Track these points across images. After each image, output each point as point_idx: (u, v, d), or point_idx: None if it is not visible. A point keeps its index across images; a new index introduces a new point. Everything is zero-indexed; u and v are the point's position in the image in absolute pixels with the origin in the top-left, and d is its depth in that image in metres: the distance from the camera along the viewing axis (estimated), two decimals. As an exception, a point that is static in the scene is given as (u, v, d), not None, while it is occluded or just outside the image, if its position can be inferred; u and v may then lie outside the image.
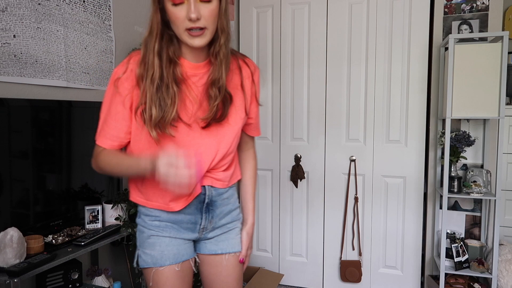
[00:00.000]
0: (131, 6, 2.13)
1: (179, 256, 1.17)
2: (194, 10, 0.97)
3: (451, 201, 2.51)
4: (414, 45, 2.56)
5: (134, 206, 1.85)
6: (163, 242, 1.16)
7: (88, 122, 1.77)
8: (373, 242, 2.71)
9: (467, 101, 2.21)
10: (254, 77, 1.21)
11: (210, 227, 1.21)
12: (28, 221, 1.51)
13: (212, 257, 1.23)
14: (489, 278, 2.27)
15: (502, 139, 2.19)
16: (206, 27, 1.01)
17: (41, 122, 1.55)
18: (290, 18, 2.83)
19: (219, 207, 1.21)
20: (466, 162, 2.48)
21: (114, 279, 1.97)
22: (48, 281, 1.56)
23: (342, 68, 2.72)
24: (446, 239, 2.30)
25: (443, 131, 2.36)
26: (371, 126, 2.68)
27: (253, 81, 1.20)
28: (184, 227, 1.18)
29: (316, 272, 2.84)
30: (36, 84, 1.59)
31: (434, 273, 2.57)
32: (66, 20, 1.72)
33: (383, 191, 2.69)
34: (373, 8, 2.63)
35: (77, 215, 1.73)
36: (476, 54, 2.20)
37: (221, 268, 1.23)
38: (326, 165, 2.79)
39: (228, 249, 1.22)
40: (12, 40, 1.48)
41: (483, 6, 2.42)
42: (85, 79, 1.83)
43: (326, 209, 2.80)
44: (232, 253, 1.23)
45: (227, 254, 1.22)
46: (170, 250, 1.16)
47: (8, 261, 1.30)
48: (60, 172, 1.64)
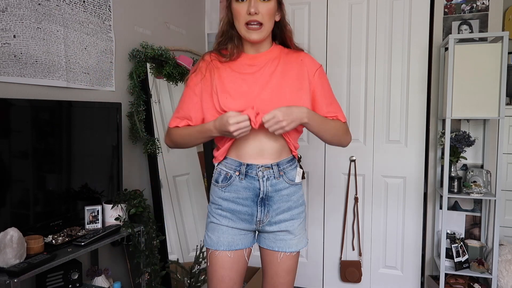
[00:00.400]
0: (131, 6, 2.13)
1: (233, 244, 1.32)
2: (254, 5, 1.20)
3: (451, 201, 2.51)
4: (414, 45, 2.56)
5: (134, 206, 1.85)
6: (220, 230, 1.32)
7: (88, 122, 1.77)
8: (373, 242, 2.71)
9: (467, 101, 2.21)
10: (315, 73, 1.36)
11: (267, 220, 1.32)
12: (28, 221, 1.51)
13: (269, 251, 1.35)
14: (489, 278, 2.27)
15: (502, 139, 2.19)
16: (263, 23, 1.23)
17: (41, 122, 1.55)
18: (290, 18, 2.81)
19: (276, 202, 1.30)
20: (466, 162, 2.48)
21: (114, 279, 1.97)
22: (48, 281, 1.56)
23: (342, 68, 2.72)
24: (446, 239, 2.30)
25: (443, 131, 2.36)
26: (371, 126, 2.68)
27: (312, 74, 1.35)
28: (242, 218, 1.31)
29: (316, 272, 2.84)
30: (36, 84, 1.59)
31: (434, 273, 2.57)
32: (66, 20, 1.72)
33: (383, 191, 2.69)
34: (373, 8, 2.63)
35: (77, 215, 1.73)
36: (476, 54, 2.19)
37: (275, 262, 1.34)
38: (326, 165, 2.79)
39: (283, 249, 1.32)
40: (12, 40, 1.48)
41: (483, 6, 2.42)
42: (85, 79, 1.83)
43: (326, 209, 2.80)
44: (287, 252, 1.33)
45: (282, 253, 1.33)
46: (225, 238, 1.31)
47: (8, 261, 1.30)
48: (60, 172, 1.64)
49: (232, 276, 1.33)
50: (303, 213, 1.37)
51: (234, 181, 1.30)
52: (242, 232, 1.33)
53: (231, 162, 1.31)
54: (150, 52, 2.13)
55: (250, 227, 1.33)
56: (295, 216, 1.33)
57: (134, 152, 2.16)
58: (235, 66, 1.31)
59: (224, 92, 1.27)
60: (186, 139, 1.34)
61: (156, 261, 1.95)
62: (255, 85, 1.27)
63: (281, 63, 1.32)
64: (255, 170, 1.28)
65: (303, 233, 1.37)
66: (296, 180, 1.33)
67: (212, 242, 1.33)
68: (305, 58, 1.35)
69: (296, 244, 1.33)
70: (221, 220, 1.32)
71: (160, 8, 2.38)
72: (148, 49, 2.13)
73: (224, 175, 1.32)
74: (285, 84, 1.28)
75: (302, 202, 1.36)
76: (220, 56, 1.33)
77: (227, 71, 1.31)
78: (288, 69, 1.31)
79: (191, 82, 1.34)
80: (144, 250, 1.87)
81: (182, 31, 2.62)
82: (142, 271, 1.89)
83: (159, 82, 2.28)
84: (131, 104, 2.08)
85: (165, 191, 2.29)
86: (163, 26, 2.42)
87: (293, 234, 1.33)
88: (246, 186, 1.29)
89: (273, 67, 1.30)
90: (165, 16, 2.44)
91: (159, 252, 2.03)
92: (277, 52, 1.34)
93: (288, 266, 1.34)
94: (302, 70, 1.32)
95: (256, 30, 1.24)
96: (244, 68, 1.30)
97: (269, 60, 1.31)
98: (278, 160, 1.30)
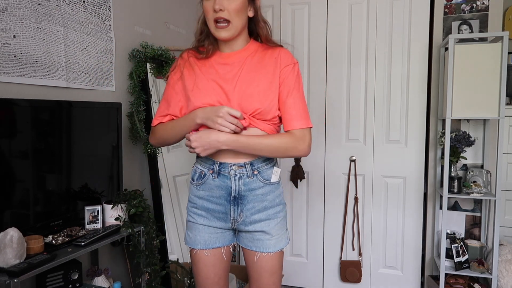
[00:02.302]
0: (131, 6, 2.13)
1: (210, 243, 1.33)
2: (218, 2, 1.20)
3: (451, 201, 2.51)
4: (414, 45, 2.56)
5: (134, 206, 1.85)
6: (197, 228, 1.34)
7: (88, 122, 1.77)
8: (373, 242, 2.71)
9: (467, 101, 2.21)
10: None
11: (241, 220, 1.31)
12: (28, 221, 1.51)
13: (247, 251, 1.35)
14: (489, 278, 2.27)
15: (502, 139, 2.19)
16: (230, 20, 1.23)
17: (41, 122, 1.55)
18: (290, 18, 2.82)
19: (250, 202, 1.29)
20: (466, 162, 2.48)
21: (114, 279, 1.97)
22: (48, 282, 1.56)
23: (342, 68, 2.72)
24: (446, 239, 2.30)
25: (443, 131, 2.36)
26: (371, 126, 2.68)
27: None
28: (216, 217, 1.32)
29: (316, 272, 2.84)
30: (36, 84, 1.59)
31: (434, 273, 2.57)
32: (66, 21, 1.71)
33: (383, 191, 2.69)
34: (373, 8, 2.63)
35: (77, 215, 1.73)
36: (476, 54, 2.19)
37: (255, 262, 1.34)
38: (326, 165, 2.79)
39: (261, 249, 1.32)
40: (12, 40, 1.48)
41: (483, 6, 2.42)
42: (85, 79, 1.83)
43: (326, 209, 2.80)
44: (265, 253, 1.31)
45: (259, 253, 1.32)
46: (202, 236, 1.33)
47: (8, 261, 1.30)
48: (60, 172, 1.64)
49: (216, 272, 1.35)
50: (281, 213, 1.35)
51: (208, 179, 1.30)
52: (218, 231, 1.34)
53: (206, 160, 1.31)
54: (150, 52, 2.13)
55: (226, 225, 1.33)
56: (271, 216, 1.31)
57: (134, 152, 2.16)
58: (209, 64, 1.32)
59: (196, 88, 1.29)
60: (170, 131, 1.34)
61: (156, 261, 1.95)
62: (226, 83, 1.27)
63: (254, 61, 1.30)
64: (227, 168, 1.28)
65: (283, 233, 1.35)
66: (272, 180, 1.31)
67: (190, 240, 1.36)
68: (280, 53, 1.30)
69: (274, 244, 1.31)
70: (197, 218, 1.34)
71: (160, 8, 2.38)
72: (148, 49, 2.13)
73: (199, 173, 1.33)
74: (255, 83, 1.26)
75: (279, 202, 1.34)
76: (197, 53, 1.35)
77: (203, 69, 1.32)
78: (262, 66, 1.29)
79: (171, 80, 1.37)
80: (144, 250, 1.87)
81: (182, 31, 2.62)
82: (142, 271, 1.89)
83: (159, 82, 2.28)
84: (131, 104, 2.08)
85: (165, 191, 2.29)
86: (163, 26, 2.42)
87: (270, 234, 1.31)
88: (219, 185, 1.29)
89: (245, 65, 1.29)
90: (165, 16, 2.44)
91: (159, 252, 2.03)
92: (253, 50, 1.33)
93: (271, 267, 1.33)
94: (276, 68, 1.29)
95: (224, 28, 1.24)
96: (218, 66, 1.30)
97: (242, 58, 1.30)
98: (253, 159, 1.29)
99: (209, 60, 1.32)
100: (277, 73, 1.28)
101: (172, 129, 1.34)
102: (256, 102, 1.25)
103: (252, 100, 1.25)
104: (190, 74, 1.33)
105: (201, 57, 1.33)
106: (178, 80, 1.35)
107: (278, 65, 1.29)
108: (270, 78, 1.28)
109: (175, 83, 1.35)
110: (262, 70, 1.28)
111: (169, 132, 1.35)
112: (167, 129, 1.35)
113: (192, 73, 1.32)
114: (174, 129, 1.33)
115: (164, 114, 1.37)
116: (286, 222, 1.39)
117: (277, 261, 1.34)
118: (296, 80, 1.30)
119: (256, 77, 1.27)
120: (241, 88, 1.26)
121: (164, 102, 1.37)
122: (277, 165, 1.36)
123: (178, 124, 1.32)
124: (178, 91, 1.34)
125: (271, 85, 1.27)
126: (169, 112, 1.36)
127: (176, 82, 1.35)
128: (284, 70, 1.28)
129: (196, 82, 1.30)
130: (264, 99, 1.25)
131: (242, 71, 1.28)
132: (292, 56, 1.32)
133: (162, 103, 1.38)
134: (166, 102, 1.36)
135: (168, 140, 1.38)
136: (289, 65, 1.29)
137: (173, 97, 1.35)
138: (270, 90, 1.27)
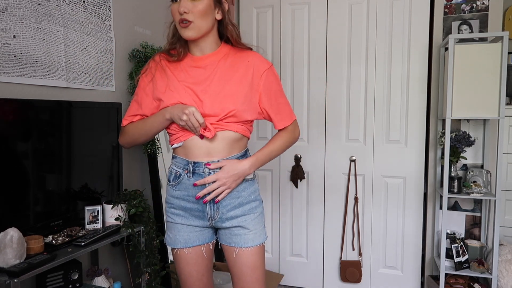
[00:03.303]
0: (131, 6, 2.13)
1: (190, 241, 1.35)
2: (182, 5, 1.23)
3: (451, 201, 2.51)
4: (414, 45, 2.56)
5: (134, 206, 1.85)
6: (176, 228, 1.37)
7: (88, 122, 1.77)
8: (373, 242, 2.71)
9: (467, 101, 2.21)
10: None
11: (217, 217, 1.32)
12: (28, 221, 1.51)
13: (226, 247, 1.37)
14: (489, 278, 2.27)
15: (502, 139, 2.19)
16: (193, 21, 1.25)
17: (41, 122, 1.55)
18: (290, 18, 2.82)
19: (226, 199, 1.31)
20: (466, 162, 2.48)
21: (114, 279, 1.97)
22: (48, 282, 1.56)
23: (342, 68, 2.72)
24: (446, 239, 2.30)
25: (443, 131, 2.36)
26: (371, 126, 2.68)
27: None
28: (194, 215, 1.34)
29: (316, 272, 2.84)
30: (36, 85, 1.59)
31: (434, 273, 2.57)
32: (66, 21, 1.71)
33: (383, 191, 2.69)
34: (373, 8, 2.63)
35: (77, 215, 1.73)
36: (476, 54, 2.20)
37: (235, 258, 1.35)
38: (326, 165, 2.79)
39: (239, 244, 1.33)
40: (12, 40, 1.48)
41: (483, 6, 2.42)
42: (85, 79, 1.83)
43: (326, 209, 2.80)
44: (243, 248, 1.33)
45: (238, 248, 1.33)
46: (181, 236, 1.35)
47: (8, 261, 1.30)
48: (60, 172, 1.64)
49: (198, 269, 1.37)
50: (258, 208, 1.37)
51: (183, 179, 1.32)
52: (197, 229, 1.36)
53: (180, 161, 1.33)
54: (150, 52, 2.13)
55: (204, 223, 1.35)
56: (247, 211, 1.34)
57: (134, 152, 2.16)
58: (181, 67, 1.34)
59: (168, 90, 1.31)
60: (141, 129, 1.37)
61: (156, 261, 1.95)
62: (197, 85, 1.29)
63: (227, 65, 1.32)
64: (201, 167, 1.29)
65: (260, 228, 1.36)
66: (246, 176, 1.34)
67: (170, 240, 1.38)
68: (253, 58, 1.34)
69: (252, 239, 1.33)
70: (175, 218, 1.36)
71: (160, 8, 2.38)
72: (148, 49, 2.13)
73: (175, 174, 1.35)
74: (228, 86, 1.29)
75: (255, 198, 1.36)
76: (168, 56, 1.36)
77: (175, 72, 1.33)
78: (235, 70, 1.31)
79: (142, 82, 1.38)
80: (144, 250, 1.87)
81: (182, 31, 2.61)
82: (142, 271, 1.89)
83: (159, 82, 2.28)
84: (131, 104, 2.08)
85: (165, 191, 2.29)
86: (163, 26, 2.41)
87: (247, 229, 1.33)
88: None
89: (218, 68, 1.31)
90: (165, 16, 2.44)
91: (159, 252, 2.03)
92: (225, 53, 1.35)
93: (252, 262, 1.34)
94: (248, 71, 1.32)
95: (187, 26, 1.25)
96: (190, 69, 1.32)
97: (214, 61, 1.33)
98: (227, 156, 1.31)
99: (180, 64, 1.34)
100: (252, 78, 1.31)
101: (142, 127, 1.36)
102: (230, 104, 1.27)
103: (225, 101, 1.27)
104: (161, 77, 1.34)
105: (173, 60, 1.35)
106: (149, 82, 1.36)
107: (253, 71, 1.32)
108: (243, 82, 1.30)
109: (146, 86, 1.37)
110: (236, 74, 1.31)
111: (139, 130, 1.37)
112: (138, 127, 1.37)
113: (164, 76, 1.34)
114: (144, 127, 1.36)
115: (134, 114, 1.39)
116: (263, 218, 1.41)
117: (258, 257, 1.35)
118: (276, 81, 1.37)
119: (230, 80, 1.30)
120: (214, 90, 1.28)
121: (134, 103, 1.39)
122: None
123: (148, 121, 1.35)
124: (148, 93, 1.36)
125: (244, 88, 1.30)
126: (139, 113, 1.38)
127: (147, 84, 1.37)
128: (264, 76, 1.33)
129: (168, 85, 1.32)
130: (238, 101, 1.28)
131: (216, 74, 1.30)
132: (265, 60, 1.36)
133: (132, 104, 1.40)
134: (137, 104, 1.38)
135: (139, 139, 1.40)
136: (266, 70, 1.34)
137: (144, 99, 1.37)
138: (243, 93, 1.29)
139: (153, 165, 2.18)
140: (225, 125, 1.29)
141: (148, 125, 1.35)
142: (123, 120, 1.41)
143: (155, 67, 1.37)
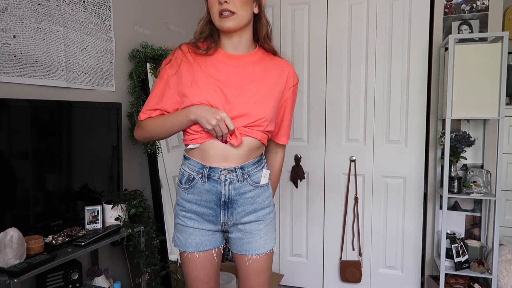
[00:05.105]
0: (131, 6, 2.13)
1: (202, 245, 1.31)
2: None
3: (451, 201, 2.51)
4: (414, 45, 2.56)
5: (134, 206, 1.85)
6: (187, 231, 1.31)
7: (88, 122, 1.77)
8: (373, 242, 2.71)
9: (467, 101, 2.21)
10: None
11: (231, 222, 1.30)
12: (28, 221, 1.51)
13: (237, 255, 1.35)
14: (489, 278, 2.27)
15: (502, 139, 2.19)
16: (235, 12, 1.19)
17: (41, 122, 1.55)
18: (290, 18, 2.82)
19: (240, 205, 1.28)
20: (466, 162, 2.48)
21: (114, 279, 1.97)
22: (48, 282, 1.56)
23: (342, 68, 2.72)
24: (446, 239, 2.30)
25: (443, 131, 2.36)
26: (371, 126, 2.68)
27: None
28: (207, 219, 1.30)
29: (316, 272, 2.84)
30: (36, 85, 1.59)
31: (434, 273, 2.57)
32: (66, 21, 1.71)
33: (383, 191, 2.69)
34: (373, 8, 2.63)
35: (77, 215, 1.73)
36: (476, 54, 2.19)
37: (245, 265, 1.33)
38: (326, 165, 2.79)
39: (250, 252, 1.31)
40: (12, 40, 1.48)
41: (483, 6, 2.42)
42: (85, 79, 1.83)
43: (326, 209, 2.80)
44: (255, 255, 1.31)
45: (249, 256, 1.31)
46: (193, 239, 1.31)
47: (8, 261, 1.30)
48: (60, 172, 1.64)
49: (206, 273, 1.34)
50: (271, 214, 1.34)
51: (197, 183, 1.26)
52: (209, 233, 1.32)
53: (194, 164, 1.27)
54: (150, 52, 2.13)
55: (216, 227, 1.31)
56: (261, 218, 1.31)
57: (134, 152, 2.16)
58: (210, 61, 1.26)
59: (195, 85, 1.23)
60: (160, 126, 1.28)
61: (156, 261, 1.95)
62: (227, 87, 1.23)
63: (259, 69, 1.28)
64: (217, 173, 1.24)
65: (271, 235, 1.34)
66: (261, 182, 1.30)
67: (181, 243, 1.33)
68: (288, 68, 1.33)
69: (263, 245, 1.31)
70: (187, 221, 1.31)
71: (160, 8, 2.38)
72: (148, 49, 2.13)
73: (187, 176, 1.28)
74: (260, 92, 1.25)
75: (269, 204, 1.33)
76: (196, 48, 1.27)
77: (203, 66, 1.25)
78: (268, 77, 1.28)
79: (165, 74, 1.27)
80: (144, 250, 1.87)
81: (182, 31, 2.62)
82: (142, 271, 1.89)
83: (159, 82, 2.28)
84: (131, 104, 2.08)
85: (165, 191, 2.29)
86: (163, 26, 2.42)
87: (259, 236, 1.31)
88: (208, 189, 1.25)
89: (250, 71, 1.27)
90: (165, 16, 2.44)
91: (159, 252, 2.03)
92: (259, 56, 1.31)
93: (258, 267, 1.32)
94: (281, 80, 1.30)
95: (229, 17, 1.19)
96: (220, 66, 1.26)
97: (248, 63, 1.28)
98: (243, 163, 1.26)
99: (210, 58, 1.26)
100: (283, 88, 1.32)
101: (162, 124, 1.27)
102: (260, 111, 1.23)
103: (256, 108, 1.23)
104: (188, 70, 1.25)
105: (200, 52, 1.26)
106: (174, 75, 1.25)
107: (286, 81, 1.32)
108: (275, 90, 1.29)
109: (169, 78, 1.26)
110: (269, 80, 1.28)
111: (158, 127, 1.28)
112: (157, 124, 1.28)
113: (191, 69, 1.25)
114: (164, 125, 1.27)
115: (153, 108, 1.29)
116: (275, 223, 1.40)
117: (265, 262, 1.33)
118: (295, 99, 1.39)
119: (263, 86, 1.26)
120: (246, 95, 1.24)
121: (154, 96, 1.28)
122: (266, 167, 1.35)
123: (170, 118, 1.25)
124: (171, 86, 1.26)
125: (275, 97, 1.29)
126: (159, 107, 1.28)
127: (171, 76, 1.26)
128: (292, 89, 1.35)
129: (195, 79, 1.23)
130: (268, 109, 1.25)
131: (247, 77, 1.26)
132: (297, 75, 1.37)
133: (152, 97, 1.29)
134: (157, 97, 1.28)
135: (157, 136, 1.33)
136: (295, 85, 1.35)
137: (166, 91, 1.26)
138: (273, 101, 1.28)
139: (153, 165, 2.18)
140: (250, 131, 1.24)
141: (169, 123, 1.26)
142: (140, 114, 1.31)
143: (180, 58, 1.26)
